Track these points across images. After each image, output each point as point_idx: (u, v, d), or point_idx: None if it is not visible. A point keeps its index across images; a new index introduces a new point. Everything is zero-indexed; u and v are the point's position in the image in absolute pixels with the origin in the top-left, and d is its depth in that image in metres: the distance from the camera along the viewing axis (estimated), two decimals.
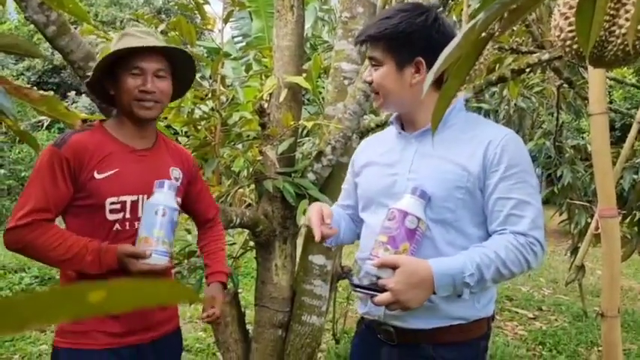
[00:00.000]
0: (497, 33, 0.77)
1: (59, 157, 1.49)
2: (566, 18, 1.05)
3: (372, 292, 1.30)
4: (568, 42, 1.07)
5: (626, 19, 0.96)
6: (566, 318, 4.93)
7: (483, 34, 0.63)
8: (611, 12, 1.01)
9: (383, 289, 1.27)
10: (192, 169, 1.82)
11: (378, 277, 1.29)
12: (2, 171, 10.32)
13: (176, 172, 1.70)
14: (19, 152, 10.70)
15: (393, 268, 1.27)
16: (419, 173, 1.40)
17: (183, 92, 1.81)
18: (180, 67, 1.67)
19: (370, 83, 1.45)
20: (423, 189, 1.33)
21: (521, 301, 5.52)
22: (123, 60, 1.54)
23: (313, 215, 1.42)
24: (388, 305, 1.27)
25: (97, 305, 0.24)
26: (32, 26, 1.71)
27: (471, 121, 1.45)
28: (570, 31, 1.03)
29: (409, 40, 1.37)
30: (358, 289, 1.35)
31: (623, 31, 0.97)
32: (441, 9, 2.24)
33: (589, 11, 0.66)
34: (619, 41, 0.99)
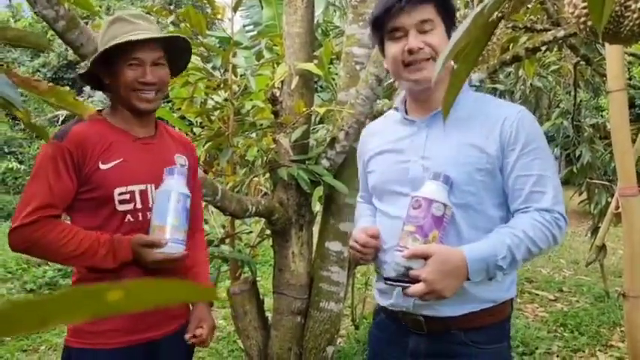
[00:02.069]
0: (507, 14, 0.75)
1: (61, 149, 1.44)
2: None
3: (405, 284, 1.27)
4: (582, 19, 1.04)
5: None
6: (587, 299, 4.88)
7: (493, 17, 0.61)
8: None
9: (415, 280, 1.24)
10: (195, 157, 1.78)
11: (409, 268, 1.26)
12: (22, 167, 10.49)
13: (181, 159, 1.65)
14: (37, 148, 10.86)
15: (425, 258, 1.24)
16: (434, 159, 1.37)
17: (178, 73, 1.75)
18: (176, 51, 1.62)
19: (414, 51, 1.33)
20: (446, 174, 1.30)
21: (541, 283, 5.48)
22: (119, 50, 1.48)
23: (360, 240, 1.43)
24: (422, 296, 1.24)
25: (115, 304, 0.25)
26: (45, 23, 1.71)
27: (480, 100, 1.43)
28: (584, 7, 1.00)
29: (452, 7, 1.38)
30: (390, 283, 1.31)
31: (639, 5, 0.94)
32: None
33: None
34: (635, 16, 0.96)
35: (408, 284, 1.26)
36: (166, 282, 0.26)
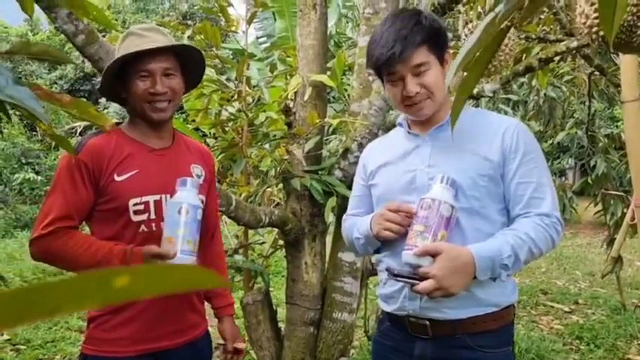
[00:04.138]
0: (516, 24, 0.76)
1: (77, 162, 1.48)
2: (592, 4, 1.03)
3: (413, 281, 1.30)
4: (594, 29, 1.05)
5: None
6: (603, 311, 4.81)
7: (502, 26, 0.62)
8: None
9: (423, 278, 1.28)
10: (213, 167, 1.79)
11: (418, 266, 1.30)
12: (39, 177, 10.63)
13: (198, 170, 1.67)
14: (54, 159, 11.01)
15: (434, 255, 1.29)
16: (439, 166, 1.42)
17: (195, 85, 1.77)
18: (189, 61, 1.63)
19: (412, 95, 1.40)
20: (452, 178, 1.36)
21: (556, 295, 5.41)
22: (130, 63, 1.51)
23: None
24: (430, 293, 1.27)
25: (122, 290, 0.25)
26: (63, 36, 1.75)
27: (479, 114, 1.53)
28: (596, 18, 1.01)
29: (444, 36, 1.45)
30: (398, 279, 1.34)
31: None
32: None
33: None
34: None
35: (416, 281, 1.29)
36: (173, 267, 0.26)
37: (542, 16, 2.91)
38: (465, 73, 0.68)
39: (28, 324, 0.26)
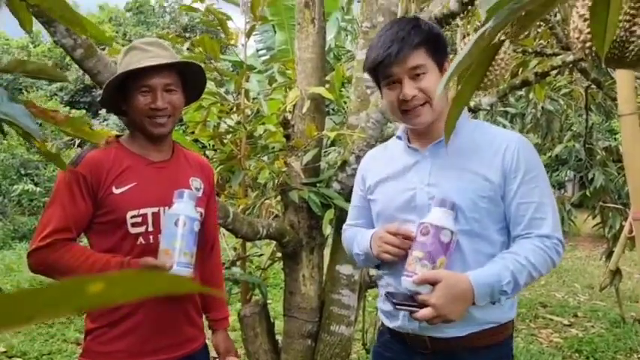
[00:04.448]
0: (511, 37, 0.77)
1: (76, 174, 1.49)
2: (585, 20, 1.04)
3: (413, 309, 1.30)
4: (588, 44, 1.06)
5: None
6: (603, 324, 4.79)
7: (495, 41, 0.63)
8: (631, 12, 0.99)
9: (423, 305, 1.28)
10: (212, 180, 1.80)
11: (417, 293, 1.30)
12: (38, 189, 10.63)
13: (196, 183, 1.68)
14: (53, 170, 11.01)
15: (433, 283, 1.28)
16: (439, 186, 1.40)
17: (195, 99, 1.79)
18: (190, 77, 1.65)
19: (409, 99, 1.37)
20: (452, 200, 1.34)
21: (556, 308, 5.39)
22: (132, 77, 1.53)
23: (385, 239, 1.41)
24: (429, 320, 1.28)
25: (97, 296, 0.26)
26: None
27: (479, 128, 1.48)
28: (589, 33, 1.02)
29: (443, 43, 1.43)
30: (399, 307, 1.34)
31: None
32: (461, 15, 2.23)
33: (603, 13, 0.66)
34: None
35: (416, 308, 1.29)
36: (146, 273, 0.26)
37: (538, 30, 2.94)
38: (460, 86, 0.69)
39: (5, 331, 0.27)
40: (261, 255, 3.21)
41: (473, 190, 1.37)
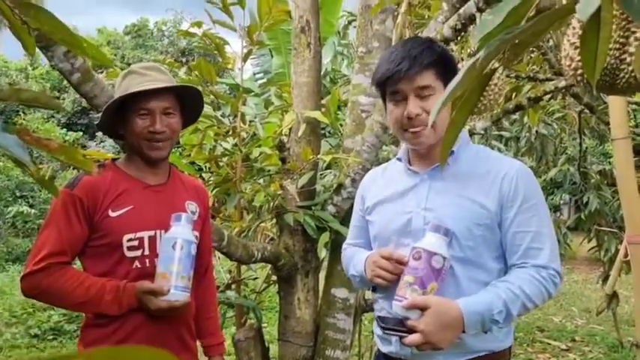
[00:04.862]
0: (504, 64, 0.79)
1: (72, 198, 1.48)
2: (576, 47, 1.06)
3: (402, 334, 1.29)
4: (579, 71, 1.07)
5: (637, 47, 0.97)
6: (601, 349, 4.76)
7: (487, 70, 0.64)
8: (621, 40, 1.01)
9: (412, 330, 1.26)
10: (207, 204, 1.80)
11: (406, 318, 1.29)
12: (32, 210, 10.58)
13: (192, 206, 1.68)
14: (48, 193, 10.96)
15: (422, 309, 1.27)
16: (435, 211, 1.39)
17: (192, 122, 1.80)
18: (188, 100, 1.66)
19: (412, 117, 1.36)
20: (447, 227, 1.32)
21: (553, 332, 5.35)
22: (130, 100, 1.53)
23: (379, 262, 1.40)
24: (419, 346, 1.26)
25: None
26: None
27: (480, 154, 1.46)
28: (580, 60, 1.03)
29: (454, 67, 1.40)
30: (388, 332, 1.33)
31: (633, 58, 0.97)
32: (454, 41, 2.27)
33: (593, 42, 0.67)
34: (630, 68, 0.99)
35: (405, 334, 1.28)
36: (129, 350, 0.26)
37: (531, 56, 2.98)
38: (454, 113, 0.70)
39: None
40: (256, 278, 3.19)
41: (469, 217, 1.36)
